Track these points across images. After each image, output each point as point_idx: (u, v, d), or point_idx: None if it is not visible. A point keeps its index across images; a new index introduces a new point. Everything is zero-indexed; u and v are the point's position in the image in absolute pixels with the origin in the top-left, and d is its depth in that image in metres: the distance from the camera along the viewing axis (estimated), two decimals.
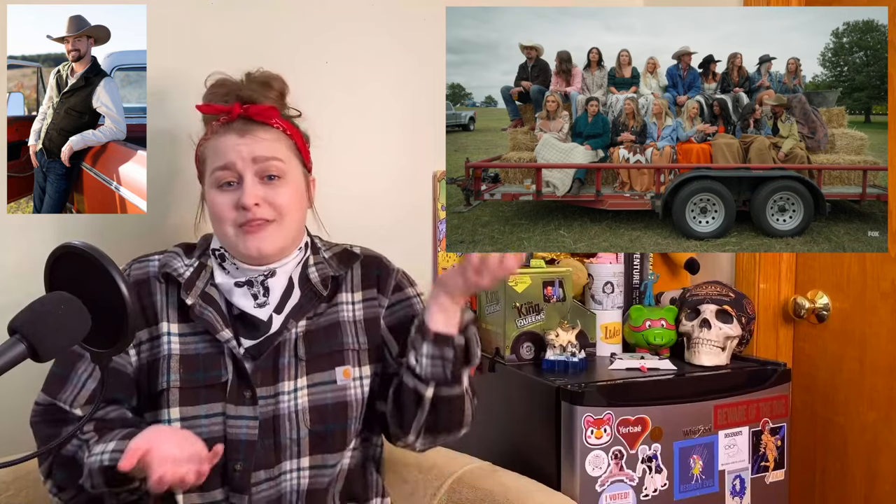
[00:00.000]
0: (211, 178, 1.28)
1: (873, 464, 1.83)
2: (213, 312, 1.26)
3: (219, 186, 1.27)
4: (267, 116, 1.29)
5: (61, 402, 1.23)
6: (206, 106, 1.32)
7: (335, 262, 1.36)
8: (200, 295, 1.27)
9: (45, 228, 1.56)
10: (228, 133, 1.27)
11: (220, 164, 1.26)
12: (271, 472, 1.24)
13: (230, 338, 1.25)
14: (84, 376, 1.24)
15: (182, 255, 1.32)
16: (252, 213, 1.24)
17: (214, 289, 1.29)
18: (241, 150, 1.25)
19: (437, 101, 1.96)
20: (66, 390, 1.24)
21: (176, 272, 1.28)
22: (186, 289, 1.26)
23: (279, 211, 1.26)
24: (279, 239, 1.27)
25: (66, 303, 0.79)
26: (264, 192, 1.26)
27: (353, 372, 1.30)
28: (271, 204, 1.26)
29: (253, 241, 1.25)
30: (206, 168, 1.30)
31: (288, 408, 1.25)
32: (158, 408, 1.23)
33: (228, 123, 1.28)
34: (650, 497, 1.59)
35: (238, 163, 1.25)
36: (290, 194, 1.28)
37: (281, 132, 1.30)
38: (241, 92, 1.31)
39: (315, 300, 1.31)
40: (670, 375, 1.66)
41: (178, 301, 1.27)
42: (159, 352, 1.25)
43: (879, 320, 1.80)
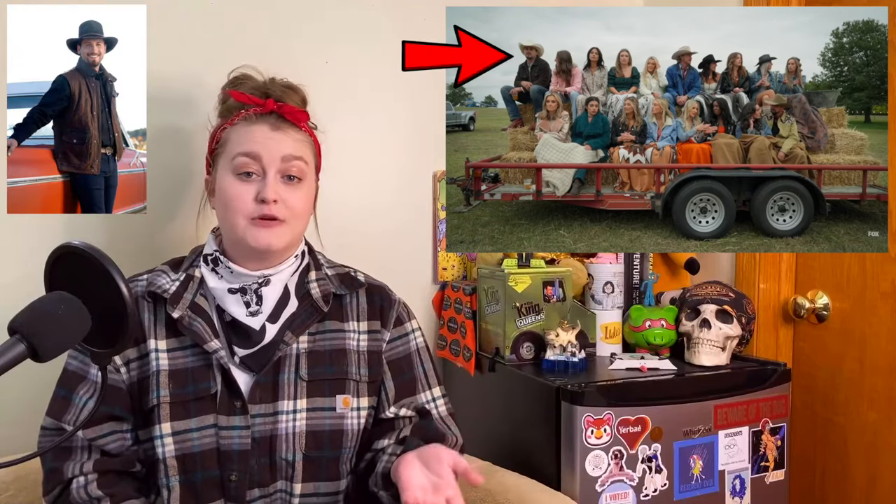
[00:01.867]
0: (231, 163, 1.26)
1: (873, 464, 1.83)
2: (202, 323, 1.25)
3: (237, 174, 1.25)
4: (298, 118, 1.29)
5: (66, 424, 1.23)
6: (240, 93, 1.30)
7: (337, 281, 1.35)
8: (189, 306, 1.26)
9: (45, 228, 1.56)
10: (260, 124, 1.26)
11: (246, 151, 1.25)
12: (266, 489, 1.24)
13: (218, 348, 1.24)
14: (85, 397, 1.24)
15: (169, 272, 1.31)
16: (270, 208, 1.23)
17: (204, 298, 1.28)
18: (270, 144, 1.25)
19: (437, 101, 1.96)
20: (70, 412, 1.24)
21: (161, 289, 1.27)
22: (173, 303, 1.25)
23: (292, 212, 1.26)
24: (286, 239, 1.27)
25: (66, 303, 0.79)
26: (283, 192, 1.25)
27: (352, 402, 1.29)
28: (287, 204, 1.25)
29: (265, 235, 1.24)
30: (226, 151, 1.27)
31: (286, 428, 1.24)
32: (150, 424, 1.22)
33: (260, 115, 1.28)
34: (650, 497, 1.59)
35: (265, 156, 1.24)
36: (304, 198, 1.29)
37: (307, 135, 1.32)
38: (268, 90, 1.31)
39: (315, 315, 1.31)
40: (670, 375, 1.66)
41: (165, 317, 1.26)
42: (148, 369, 1.24)
43: (879, 320, 1.81)
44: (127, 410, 1.24)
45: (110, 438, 1.23)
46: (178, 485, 1.21)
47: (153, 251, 1.60)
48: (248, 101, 1.29)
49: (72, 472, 1.20)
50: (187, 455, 1.21)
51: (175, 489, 1.21)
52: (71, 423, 1.22)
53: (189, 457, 1.21)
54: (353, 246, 1.81)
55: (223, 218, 1.28)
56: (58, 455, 1.22)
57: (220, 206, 1.28)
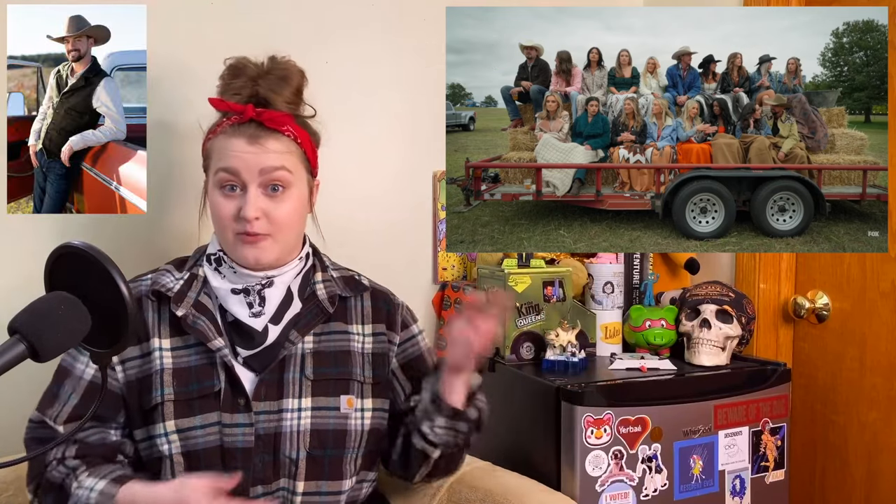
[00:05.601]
0: (214, 176, 1.26)
1: (873, 464, 1.83)
2: (206, 321, 1.25)
3: (221, 187, 1.25)
4: (279, 123, 1.25)
5: (48, 419, 1.24)
6: (218, 101, 1.28)
7: (342, 283, 1.35)
8: (193, 304, 1.26)
9: (45, 228, 1.56)
10: (237, 136, 1.24)
11: (224, 167, 1.24)
12: (269, 487, 1.24)
13: (222, 346, 1.24)
14: (69, 392, 1.24)
15: (173, 271, 1.31)
16: (251, 225, 1.23)
17: (207, 297, 1.28)
18: (248, 158, 1.23)
19: (437, 101, 1.96)
20: (54, 406, 1.24)
21: (165, 287, 1.27)
22: (176, 301, 1.25)
23: (277, 225, 1.25)
24: (275, 251, 1.26)
25: (66, 303, 0.79)
26: (265, 205, 1.24)
27: (356, 403, 1.30)
28: (270, 218, 1.24)
29: (251, 252, 1.24)
30: (211, 164, 1.28)
31: (290, 426, 1.24)
32: (153, 423, 1.23)
33: (238, 125, 1.25)
34: (650, 497, 1.59)
35: (243, 172, 1.23)
36: (290, 208, 1.26)
37: (291, 140, 1.26)
38: (257, 86, 1.27)
39: (321, 316, 1.31)
40: (670, 375, 1.66)
41: (170, 316, 1.27)
42: (151, 367, 1.24)
43: (879, 320, 1.81)
44: (113, 410, 1.24)
45: (90, 432, 1.23)
46: None
47: (153, 251, 1.60)
48: (228, 109, 1.26)
49: (52, 457, 1.21)
50: (192, 452, 1.21)
51: None
52: (53, 417, 1.23)
53: (193, 454, 1.21)
54: (354, 246, 1.81)
55: (215, 229, 1.29)
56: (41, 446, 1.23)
57: (211, 217, 1.29)
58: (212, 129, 1.29)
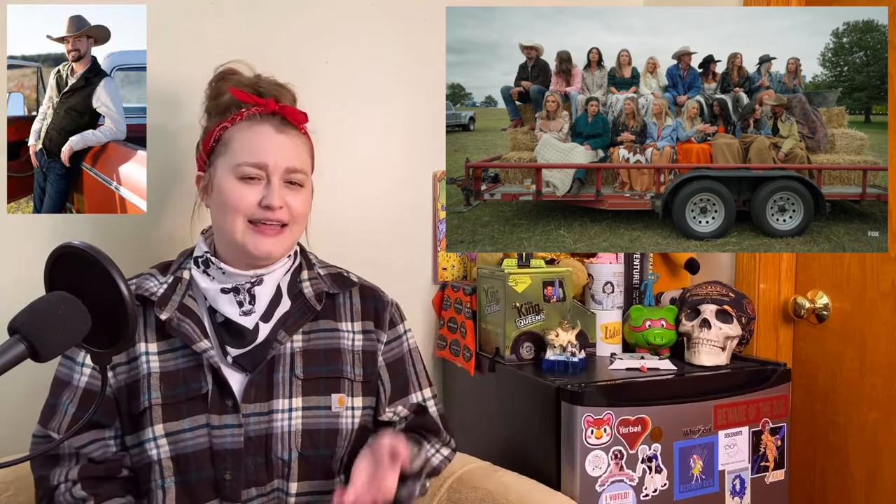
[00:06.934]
0: (235, 168, 1.24)
1: (873, 464, 1.83)
2: (191, 324, 1.25)
3: (241, 177, 1.24)
4: (298, 120, 1.29)
5: (51, 431, 1.23)
6: (241, 92, 1.29)
7: (329, 280, 1.35)
8: (178, 308, 1.26)
9: (45, 228, 1.56)
10: (264, 125, 1.26)
11: (253, 162, 1.24)
12: (262, 489, 1.24)
13: (208, 348, 1.24)
14: (67, 403, 1.24)
15: (157, 275, 1.31)
16: (275, 214, 1.24)
17: (192, 300, 1.28)
18: (276, 151, 1.24)
19: (437, 101, 1.96)
20: (54, 418, 1.24)
21: (148, 292, 1.26)
22: (160, 305, 1.25)
23: (294, 216, 1.26)
24: (287, 243, 1.27)
25: (66, 303, 0.79)
26: (287, 196, 1.25)
27: (347, 401, 1.29)
28: (290, 209, 1.26)
29: (265, 244, 1.24)
30: (228, 152, 1.26)
31: (281, 427, 1.24)
32: (141, 427, 1.22)
33: (263, 116, 1.27)
34: (650, 497, 1.59)
35: (271, 165, 1.24)
36: (305, 202, 1.29)
37: (306, 139, 1.31)
38: (260, 88, 1.30)
39: (308, 314, 1.31)
40: (670, 375, 1.66)
41: (155, 320, 1.26)
42: (138, 372, 1.24)
43: (879, 320, 1.81)
44: (110, 416, 1.24)
45: (93, 447, 1.22)
46: (174, 485, 1.21)
47: (153, 251, 1.60)
48: (249, 100, 1.27)
49: (57, 480, 1.20)
50: (181, 455, 1.21)
51: (171, 490, 1.21)
52: (55, 430, 1.23)
53: (183, 457, 1.21)
54: (354, 246, 1.81)
55: (220, 218, 1.27)
56: (45, 462, 1.22)
57: (218, 206, 1.27)
58: (227, 118, 1.28)
